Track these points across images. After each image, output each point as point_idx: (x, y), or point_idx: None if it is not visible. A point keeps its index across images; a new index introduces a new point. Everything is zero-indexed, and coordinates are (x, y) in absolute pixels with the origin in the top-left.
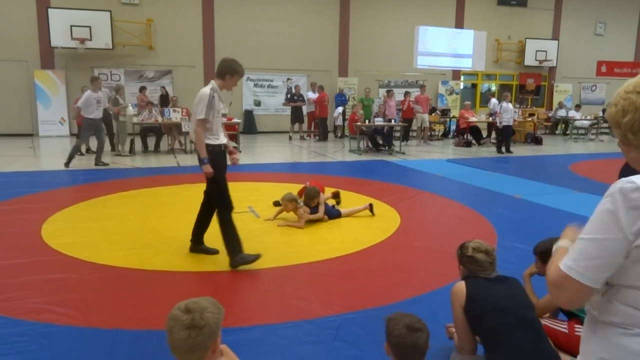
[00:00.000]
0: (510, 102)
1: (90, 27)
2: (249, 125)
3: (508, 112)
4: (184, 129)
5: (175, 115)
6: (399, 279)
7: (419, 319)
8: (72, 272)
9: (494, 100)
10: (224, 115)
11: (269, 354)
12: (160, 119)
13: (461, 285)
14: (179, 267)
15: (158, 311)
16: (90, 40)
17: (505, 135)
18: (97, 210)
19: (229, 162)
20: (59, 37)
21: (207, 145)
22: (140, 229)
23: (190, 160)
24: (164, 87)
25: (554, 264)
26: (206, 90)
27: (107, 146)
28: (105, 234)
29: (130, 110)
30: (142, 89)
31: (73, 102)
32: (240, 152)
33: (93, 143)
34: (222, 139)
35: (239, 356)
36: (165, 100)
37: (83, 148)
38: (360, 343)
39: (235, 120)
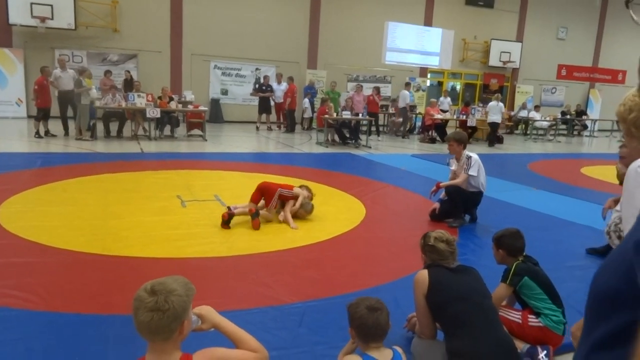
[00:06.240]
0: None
1: (52, 5)
2: (216, 114)
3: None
4: (148, 115)
5: (140, 101)
6: (363, 268)
7: (378, 299)
8: (31, 256)
9: (404, 92)
10: (190, 104)
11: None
12: (124, 104)
13: (424, 274)
14: (143, 253)
15: (122, 296)
16: (52, 19)
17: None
18: (57, 194)
19: None
20: (18, 15)
21: None
22: (103, 214)
23: (154, 147)
24: (128, 71)
25: None
26: None
27: (71, 129)
28: (66, 219)
29: (94, 93)
30: (107, 73)
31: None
32: (206, 140)
33: (52, 126)
34: None
35: (204, 344)
36: (129, 85)
37: (42, 130)
38: (324, 329)
39: (202, 108)
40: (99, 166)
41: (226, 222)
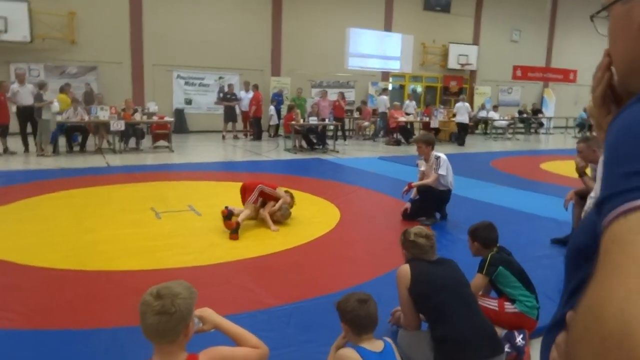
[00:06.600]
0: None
1: (5, 17)
2: (180, 124)
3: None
4: (112, 128)
5: (103, 114)
6: (344, 269)
7: (365, 292)
8: (6, 275)
9: (382, 98)
10: (154, 115)
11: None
12: (86, 118)
13: (406, 268)
14: (124, 266)
15: (107, 310)
16: (6, 32)
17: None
18: (25, 212)
19: None
20: None
21: None
22: (77, 229)
23: (120, 160)
24: (88, 84)
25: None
26: None
27: (31, 146)
28: (38, 236)
29: (56, 106)
30: (67, 86)
31: None
32: (172, 151)
33: (11, 143)
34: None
35: (206, 344)
36: (90, 98)
37: (0, 148)
38: (312, 328)
39: (167, 118)
40: (65, 182)
41: (227, 216)
